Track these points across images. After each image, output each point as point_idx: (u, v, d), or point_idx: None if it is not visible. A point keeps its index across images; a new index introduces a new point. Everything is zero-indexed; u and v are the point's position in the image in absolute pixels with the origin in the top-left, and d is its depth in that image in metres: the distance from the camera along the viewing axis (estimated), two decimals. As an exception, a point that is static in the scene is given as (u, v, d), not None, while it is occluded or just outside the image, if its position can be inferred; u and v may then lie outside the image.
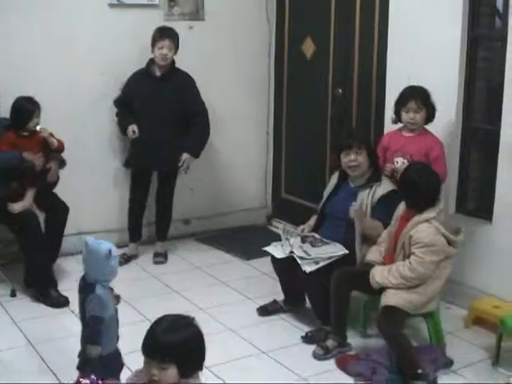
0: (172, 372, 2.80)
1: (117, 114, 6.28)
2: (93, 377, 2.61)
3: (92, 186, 6.50)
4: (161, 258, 6.35)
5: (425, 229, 4.35)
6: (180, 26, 6.49)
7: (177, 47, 6.07)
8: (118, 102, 6.26)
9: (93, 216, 6.52)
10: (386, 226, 4.79)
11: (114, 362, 3.83)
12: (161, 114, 6.06)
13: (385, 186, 4.98)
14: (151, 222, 6.60)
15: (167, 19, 6.52)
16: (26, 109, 5.60)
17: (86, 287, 3.87)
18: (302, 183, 7.00)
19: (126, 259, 6.29)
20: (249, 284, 5.91)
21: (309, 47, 6.74)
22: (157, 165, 6.26)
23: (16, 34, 5.97)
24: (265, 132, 7.36)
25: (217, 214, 7.08)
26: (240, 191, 7.21)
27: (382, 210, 4.89)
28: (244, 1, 6.95)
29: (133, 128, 6.07)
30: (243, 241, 6.86)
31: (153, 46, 6.00)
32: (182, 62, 6.19)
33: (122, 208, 6.62)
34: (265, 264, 5.89)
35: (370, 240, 4.91)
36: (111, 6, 6.31)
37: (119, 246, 6.48)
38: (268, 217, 7.44)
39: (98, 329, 3.76)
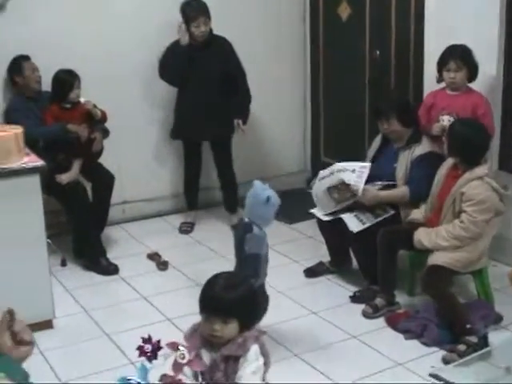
0: (233, 326, 2.91)
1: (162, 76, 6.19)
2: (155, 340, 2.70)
3: (134, 155, 6.58)
4: None
5: (478, 186, 4.38)
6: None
7: (210, 17, 5.99)
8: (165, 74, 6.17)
9: (136, 185, 6.60)
10: (418, 185, 4.86)
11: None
12: (204, 84, 6.02)
13: (423, 147, 5.00)
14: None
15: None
16: (65, 81, 5.71)
17: (243, 226, 4.11)
18: (342, 146, 7.01)
19: (191, 227, 6.43)
20: (294, 247, 5.97)
21: (344, 10, 6.72)
22: (208, 134, 6.23)
23: (54, 6, 6.04)
24: (302, 96, 7.37)
25: (257, 180, 7.10)
26: (279, 156, 7.25)
27: (418, 169, 4.93)
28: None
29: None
30: (285, 205, 6.77)
31: (187, 22, 5.90)
32: (218, 28, 6.17)
33: (165, 176, 6.78)
34: (308, 227, 5.98)
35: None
36: (148, -23, 6.36)
37: (160, 215, 6.66)
38: (308, 181, 7.44)
39: (257, 264, 4.05)
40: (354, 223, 4.87)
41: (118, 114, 6.13)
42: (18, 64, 5.77)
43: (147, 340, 2.68)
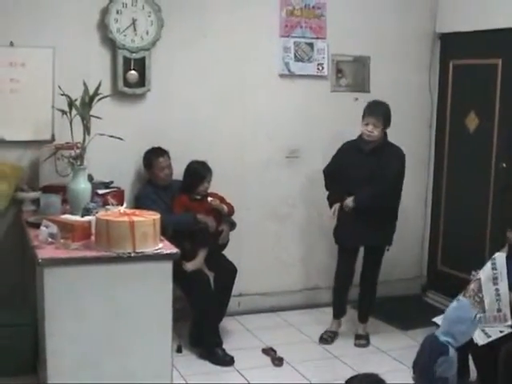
0: None
1: (326, 186, 6.19)
2: None
3: (254, 248, 6.70)
4: (363, 340, 6.18)
5: None
6: (346, 97, 6.72)
7: (385, 124, 5.91)
8: (327, 171, 6.17)
9: (253, 278, 6.67)
10: None
11: None
12: (366, 188, 5.84)
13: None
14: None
15: (334, 90, 6.77)
16: (198, 173, 5.91)
17: (438, 346, 4.14)
18: (460, 256, 6.94)
19: (333, 338, 6.22)
20: (408, 354, 5.84)
21: (472, 121, 6.76)
22: (362, 240, 6.07)
23: (189, 99, 6.30)
24: (423, 201, 7.41)
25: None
26: (396, 260, 7.18)
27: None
28: (408, 73, 7.10)
29: (334, 208, 6.03)
30: (399, 311, 6.85)
31: (362, 120, 5.95)
32: (348, 132, 6.31)
33: (282, 272, 6.86)
34: (423, 335, 5.85)
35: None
36: (282, 76, 6.60)
37: (273, 310, 6.69)
38: (423, 287, 7.42)
39: None
40: (479, 335, 4.79)
41: (240, 206, 6.28)
42: (149, 160, 6.00)
43: None
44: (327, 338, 6.16)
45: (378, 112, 5.91)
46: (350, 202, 5.91)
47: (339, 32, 6.74)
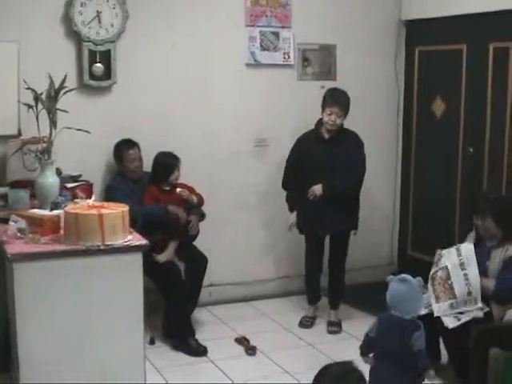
0: None
1: (283, 184, 6.27)
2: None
3: (224, 238, 6.71)
4: (335, 327, 6.24)
5: None
6: (312, 86, 6.73)
7: (346, 112, 5.97)
8: (287, 163, 6.22)
9: (223, 268, 6.68)
10: (505, 284, 4.86)
11: None
12: (327, 176, 5.91)
13: (519, 247, 4.98)
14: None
15: (300, 79, 6.80)
16: (167, 163, 5.89)
17: (408, 324, 4.16)
18: (430, 240, 6.99)
19: (312, 322, 6.33)
20: (380, 339, 5.92)
21: (439, 106, 6.81)
22: (328, 227, 6.11)
23: (155, 91, 6.29)
24: (392, 188, 7.46)
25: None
26: (366, 247, 7.25)
27: (509, 269, 4.90)
28: (374, 61, 7.15)
29: (292, 222, 6.19)
30: (370, 296, 6.85)
31: (323, 108, 5.93)
32: (316, 120, 6.32)
33: (252, 261, 6.88)
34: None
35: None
36: (248, 65, 6.60)
37: (246, 300, 6.72)
38: (393, 273, 7.43)
39: (427, 358, 4.13)
40: (449, 319, 4.84)
41: (210, 197, 6.26)
42: (119, 152, 5.98)
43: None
44: (306, 323, 6.25)
45: (342, 101, 5.95)
46: (318, 189, 5.93)
47: (305, 20, 6.75)
